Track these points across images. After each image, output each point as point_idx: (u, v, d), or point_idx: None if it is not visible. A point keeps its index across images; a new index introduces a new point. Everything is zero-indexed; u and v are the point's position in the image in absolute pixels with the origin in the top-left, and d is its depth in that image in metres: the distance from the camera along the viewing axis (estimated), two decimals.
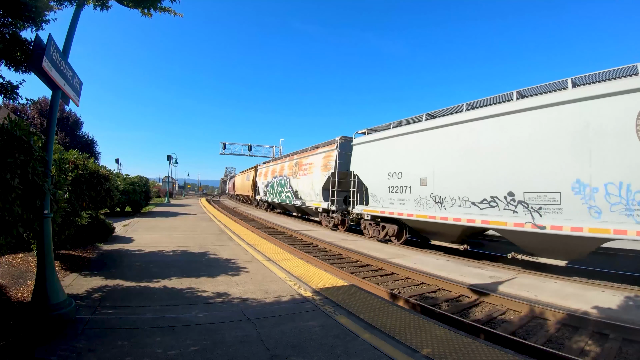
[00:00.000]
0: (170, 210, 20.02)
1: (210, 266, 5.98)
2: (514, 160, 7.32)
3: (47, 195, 3.19)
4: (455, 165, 8.60)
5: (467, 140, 8.38)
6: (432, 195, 9.25)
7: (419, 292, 6.00)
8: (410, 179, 10.00)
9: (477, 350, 2.96)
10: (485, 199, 7.89)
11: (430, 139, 9.43)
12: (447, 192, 8.81)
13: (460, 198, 8.48)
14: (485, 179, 7.87)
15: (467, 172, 8.28)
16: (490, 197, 7.78)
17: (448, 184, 8.80)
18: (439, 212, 8.99)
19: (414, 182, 9.89)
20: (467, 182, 8.28)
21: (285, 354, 2.81)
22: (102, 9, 3.88)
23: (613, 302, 5.14)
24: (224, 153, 41.06)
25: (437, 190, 9.09)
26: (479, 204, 8.03)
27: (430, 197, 9.29)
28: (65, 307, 3.25)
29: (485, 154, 7.89)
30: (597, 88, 6.32)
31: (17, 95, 4.55)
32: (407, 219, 10.04)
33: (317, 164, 15.37)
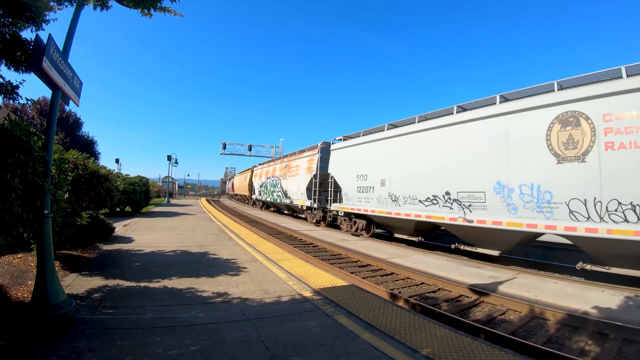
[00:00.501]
0: (170, 210, 20.02)
1: (210, 266, 5.98)
2: (450, 165, 8.67)
3: (47, 195, 3.19)
4: (406, 169, 10.16)
5: (415, 148, 9.90)
6: (389, 194, 10.79)
7: (419, 292, 6.00)
8: (373, 181, 11.56)
9: (477, 350, 2.96)
10: (429, 198, 9.33)
11: (389, 147, 11.00)
12: (400, 192, 10.36)
13: (410, 197, 10.00)
14: (428, 181, 9.32)
15: (415, 175, 9.80)
16: (432, 195, 9.22)
17: (401, 185, 10.34)
18: (394, 209, 10.52)
19: (376, 183, 11.44)
20: (416, 183, 9.79)
21: (285, 354, 2.81)
22: (102, 9, 3.89)
23: (613, 302, 5.14)
24: (224, 153, 41.07)
25: (393, 190, 10.63)
26: (424, 201, 9.51)
27: (388, 196, 10.83)
28: (65, 307, 3.25)
29: (429, 159, 9.32)
30: (517, 104, 7.49)
31: (17, 95, 4.55)
32: (372, 214, 11.53)
33: (302, 167, 17.09)
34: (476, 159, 8.07)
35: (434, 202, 9.19)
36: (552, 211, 6.71)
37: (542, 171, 6.86)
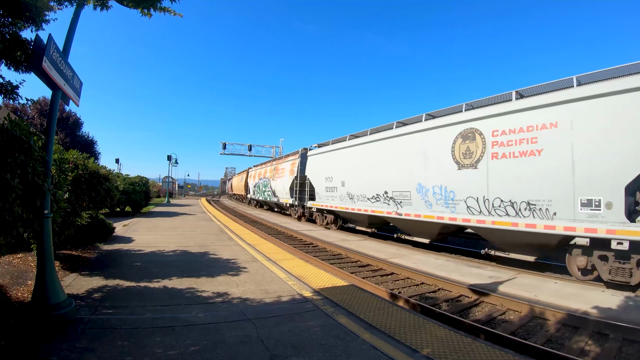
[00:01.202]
0: (170, 210, 20.02)
1: (210, 266, 5.98)
2: (388, 169, 10.80)
3: (47, 195, 3.19)
4: (359, 173, 12.38)
5: (366, 156, 12.08)
6: (347, 193, 13.06)
7: (419, 292, 6.00)
8: (337, 182, 13.78)
9: (477, 350, 2.96)
10: (374, 196, 11.46)
11: (348, 154, 13.26)
12: (355, 191, 12.59)
13: (362, 195, 12.17)
14: (374, 182, 11.47)
15: (365, 177, 12.01)
16: (376, 194, 11.36)
17: (356, 185, 12.55)
18: (351, 205, 12.78)
19: (338, 184, 13.65)
20: (365, 184, 11.97)
21: (285, 354, 2.81)
22: (102, 9, 3.88)
23: (613, 302, 5.14)
24: (224, 153, 41.04)
25: (350, 189, 12.89)
26: (370, 199, 11.69)
27: (347, 195, 13.07)
28: (65, 307, 3.25)
29: (374, 165, 11.50)
30: (434, 122, 9.37)
31: (17, 95, 4.55)
32: (337, 210, 13.78)
33: (286, 170, 19.51)
34: (405, 165, 10.13)
35: (377, 199, 11.36)
36: (455, 207, 8.54)
37: (448, 175, 8.69)
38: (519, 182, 7.20)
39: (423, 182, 9.45)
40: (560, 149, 6.62)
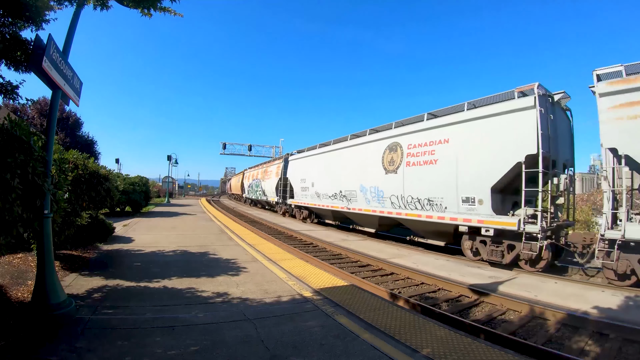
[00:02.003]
0: (170, 210, 20.01)
1: (210, 266, 5.98)
2: (342, 172, 13.69)
3: (47, 195, 3.19)
4: (324, 175, 15.23)
5: (328, 162, 15.13)
6: (315, 192, 15.89)
7: (419, 292, 6.00)
8: (309, 183, 16.65)
9: (477, 350, 2.96)
10: (333, 194, 14.31)
11: (316, 160, 16.22)
12: (321, 190, 15.39)
13: (325, 194, 14.98)
14: (333, 183, 14.33)
15: (327, 179, 14.91)
16: (333, 193, 14.28)
17: (322, 185, 15.37)
18: (319, 202, 15.61)
19: (310, 184, 16.50)
20: (328, 184, 14.82)
21: (285, 354, 2.81)
22: (102, 8, 3.88)
23: (613, 302, 5.14)
24: (224, 153, 41.02)
25: (318, 189, 15.70)
26: (331, 197, 14.50)
27: (315, 193, 15.96)
28: (65, 307, 3.25)
29: (334, 170, 14.44)
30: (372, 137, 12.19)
31: (17, 95, 4.55)
32: (310, 206, 16.73)
33: (273, 172, 22.81)
34: (353, 170, 12.93)
35: (335, 197, 14.19)
36: (384, 202, 11.18)
37: (378, 178, 11.34)
38: (423, 184, 9.52)
39: (364, 183, 12.19)
40: (450, 159, 8.72)
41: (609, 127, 6.32)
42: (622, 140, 6.14)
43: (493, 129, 7.84)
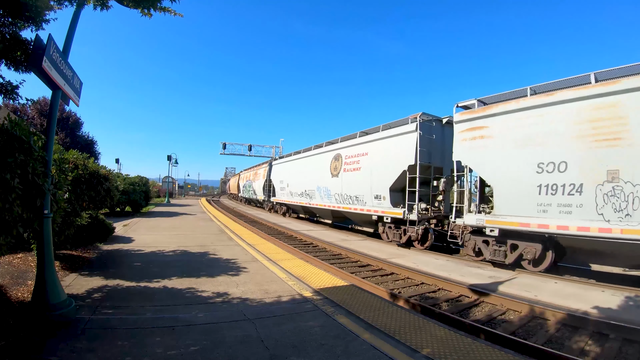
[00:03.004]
0: (170, 210, 20.02)
1: (210, 266, 5.98)
2: (307, 175, 17.10)
3: (47, 195, 3.19)
4: (296, 177, 18.94)
5: (297, 167, 18.92)
6: (290, 191, 19.73)
7: (419, 292, 6.00)
8: (285, 183, 20.49)
9: (477, 350, 2.96)
10: (301, 193, 17.85)
11: (291, 165, 20.20)
12: (293, 190, 19.12)
13: (296, 192, 18.67)
14: (302, 184, 17.80)
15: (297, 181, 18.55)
16: (301, 192, 17.84)
17: (294, 186, 19.04)
18: (292, 199, 19.43)
19: (286, 185, 20.31)
20: (297, 185, 18.43)
21: (285, 354, 2.81)
22: (102, 9, 3.88)
23: (613, 302, 5.14)
24: (224, 153, 40.95)
25: (291, 189, 19.44)
26: (299, 195, 18.11)
27: (289, 192, 19.77)
28: (65, 307, 3.25)
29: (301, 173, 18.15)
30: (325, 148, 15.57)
31: (17, 95, 4.55)
32: (286, 202, 20.66)
33: (261, 174, 27.00)
34: (312, 174, 16.38)
35: (302, 195, 17.79)
36: (331, 199, 14.40)
37: (328, 181, 14.72)
38: (353, 185, 12.85)
39: (319, 184, 15.58)
40: (368, 167, 12.05)
41: (458, 145, 8.75)
42: (464, 155, 8.60)
43: (392, 146, 11.02)
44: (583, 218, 6.29)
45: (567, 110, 6.70)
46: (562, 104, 6.80)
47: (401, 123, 11.02)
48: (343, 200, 13.44)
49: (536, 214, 6.98)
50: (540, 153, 6.99)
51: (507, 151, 7.59)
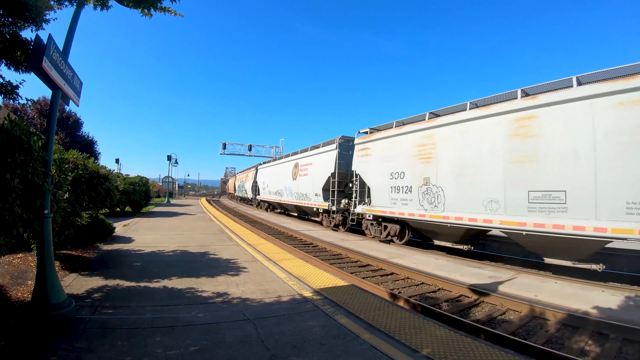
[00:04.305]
0: (170, 210, 20.02)
1: (210, 266, 5.98)
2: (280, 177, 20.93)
3: (47, 195, 3.19)
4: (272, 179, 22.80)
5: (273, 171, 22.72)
6: (268, 191, 23.64)
7: (419, 292, 6.00)
8: (266, 184, 24.58)
9: (477, 350, 2.96)
10: (275, 192, 21.91)
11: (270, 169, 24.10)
12: (271, 189, 23.02)
13: (272, 191, 22.68)
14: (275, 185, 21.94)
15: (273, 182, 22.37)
16: (275, 191, 22.00)
17: (271, 186, 22.81)
18: (271, 197, 23.24)
19: (267, 185, 24.31)
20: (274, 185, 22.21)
21: (285, 354, 2.81)
22: (102, 8, 3.88)
23: (613, 302, 5.14)
24: (224, 153, 41.02)
25: (270, 189, 23.37)
26: (274, 193, 22.20)
27: (268, 192, 23.76)
28: (65, 307, 3.25)
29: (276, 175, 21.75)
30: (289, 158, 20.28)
31: (17, 95, 4.55)
32: (267, 200, 24.59)
33: (250, 176, 31.34)
34: (282, 177, 20.38)
35: (276, 194, 21.81)
36: (293, 196, 18.49)
37: (290, 182, 18.75)
38: (304, 186, 16.91)
39: (286, 185, 19.72)
40: (312, 173, 16.01)
41: (355, 159, 12.68)
42: (357, 166, 12.52)
43: (324, 158, 15.02)
44: (414, 208, 9.78)
45: (408, 138, 10.17)
46: (406, 134, 10.28)
47: (330, 142, 14.95)
48: (299, 197, 17.82)
49: (390, 205, 10.75)
50: (393, 166, 10.64)
51: (378, 164, 11.36)
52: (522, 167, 7.20)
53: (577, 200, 6.36)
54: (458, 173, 8.52)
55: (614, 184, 5.93)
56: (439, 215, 8.87)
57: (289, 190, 19.28)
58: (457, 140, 8.65)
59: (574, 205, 6.40)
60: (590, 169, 6.22)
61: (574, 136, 6.47)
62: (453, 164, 8.69)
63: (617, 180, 5.89)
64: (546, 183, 6.79)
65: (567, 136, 6.58)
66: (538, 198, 6.91)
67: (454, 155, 8.69)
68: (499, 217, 7.53)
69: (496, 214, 7.60)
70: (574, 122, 6.51)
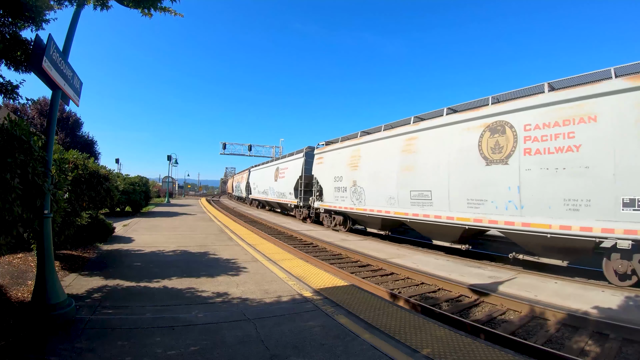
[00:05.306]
0: (170, 210, 20.02)
1: (210, 266, 5.98)
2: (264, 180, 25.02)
3: (47, 195, 3.19)
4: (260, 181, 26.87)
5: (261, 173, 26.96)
6: (258, 191, 27.49)
7: (419, 292, 6.00)
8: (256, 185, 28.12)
9: (477, 350, 2.96)
10: (262, 191, 25.83)
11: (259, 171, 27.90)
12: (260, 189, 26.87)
13: (260, 191, 26.58)
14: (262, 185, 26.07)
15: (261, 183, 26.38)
16: (262, 190, 25.79)
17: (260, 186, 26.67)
18: (259, 195, 27.15)
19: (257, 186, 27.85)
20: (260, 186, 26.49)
21: (285, 354, 2.81)
22: (102, 9, 3.88)
23: (613, 302, 5.14)
24: (224, 153, 41.01)
25: (259, 188, 27.14)
26: (262, 193, 26.16)
27: (258, 191, 27.39)
28: (65, 307, 3.25)
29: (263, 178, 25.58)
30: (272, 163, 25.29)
31: (17, 95, 4.55)
32: (257, 198, 28.25)
33: (245, 178, 34.80)
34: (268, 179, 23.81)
35: (263, 193, 25.27)
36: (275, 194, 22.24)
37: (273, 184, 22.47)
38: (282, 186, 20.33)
39: (270, 185, 22.97)
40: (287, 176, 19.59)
41: (314, 165, 16.02)
42: (315, 171, 15.92)
43: (296, 165, 18.49)
44: (348, 203, 13.02)
45: (346, 151, 13.50)
46: (345, 148, 13.61)
47: (299, 152, 18.64)
48: (279, 195, 21.23)
49: (334, 201, 14.08)
50: (336, 171, 13.91)
51: (327, 170, 14.76)
52: (408, 173, 10.01)
53: (438, 197, 8.99)
54: (373, 178, 11.60)
55: (459, 186, 8.44)
56: (362, 208, 12.13)
57: (272, 190, 22.85)
58: (373, 154, 11.82)
59: (437, 201, 9.04)
60: (446, 175, 8.77)
61: (438, 152, 9.09)
62: (370, 170, 11.79)
63: (460, 184, 8.43)
64: (421, 185, 9.54)
65: (434, 152, 9.24)
66: (416, 195, 9.72)
67: (370, 164, 11.82)
68: (394, 209, 10.53)
69: (393, 207, 10.62)
70: (439, 142, 9.13)
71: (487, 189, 7.83)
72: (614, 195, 5.91)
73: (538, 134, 6.99)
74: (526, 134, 7.18)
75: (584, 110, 6.38)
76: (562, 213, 6.56)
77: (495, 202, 7.67)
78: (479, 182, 7.99)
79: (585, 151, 6.28)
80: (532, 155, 7.06)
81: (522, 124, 7.28)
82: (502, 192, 7.54)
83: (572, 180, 6.43)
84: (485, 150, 7.90)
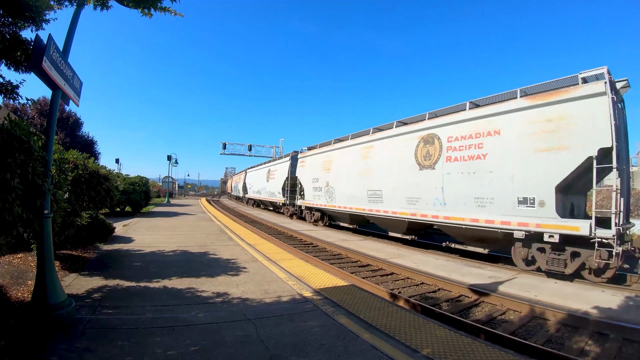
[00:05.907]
0: (170, 210, 20.01)
1: (210, 266, 5.98)
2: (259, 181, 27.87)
3: (47, 195, 3.19)
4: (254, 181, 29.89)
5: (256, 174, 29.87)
6: (253, 190, 30.47)
7: (419, 292, 6.00)
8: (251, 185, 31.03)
9: (477, 350, 2.96)
10: (256, 191, 28.80)
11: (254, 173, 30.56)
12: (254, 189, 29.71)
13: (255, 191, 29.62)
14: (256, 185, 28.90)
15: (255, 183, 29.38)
16: (256, 190, 28.83)
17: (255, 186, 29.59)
18: (254, 195, 30.26)
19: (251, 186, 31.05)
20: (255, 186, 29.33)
21: (285, 354, 2.81)
22: (102, 8, 3.87)
23: (613, 302, 5.15)
24: (224, 153, 40.99)
25: (254, 188, 30.08)
26: (256, 192, 29.17)
27: (253, 191, 30.41)
28: (65, 307, 3.25)
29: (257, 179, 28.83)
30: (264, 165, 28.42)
31: (17, 95, 4.54)
32: (252, 197, 31.13)
33: (242, 178, 36.70)
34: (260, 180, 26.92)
35: (257, 192, 28.21)
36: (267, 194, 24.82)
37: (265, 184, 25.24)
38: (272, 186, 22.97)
39: (263, 186, 25.35)
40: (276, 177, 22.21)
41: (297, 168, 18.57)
42: (298, 173, 18.17)
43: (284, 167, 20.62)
44: (323, 201, 15.09)
45: (321, 156, 15.71)
46: (320, 154, 15.84)
47: (286, 156, 21.06)
48: (270, 195, 23.37)
49: (312, 199, 16.17)
50: (314, 174, 16.05)
51: (307, 172, 16.91)
52: (365, 176, 12.14)
53: (387, 196, 10.98)
54: (341, 179, 13.83)
55: (401, 187, 10.28)
56: (334, 205, 14.25)
57: (265, 190, 25.34)
58: (340, 159, 14.01)
59: (386, 199, 11.02)
60: (392, 178, 10.71)
61: (388, 158, 11.01)
62: (339, 173, 14.02)
63: (402, 185, 10.25)
64: (375, 185, 11.52)
65: (385, 158, 11.17)
66: (371, 194, 11.71)
67: (340, 168, 13.99)
68: (355, 205, 12.65)
69: (354, 204, 12.71)
70: (389, 150, 11.06)
71: (421, 189, 9.56)
72: (511, 195, 7.26)
73: (457, 145, 8.55)
74: (449, 144, 8.75)
75: (491, 125, 7.81)
76: (473, 209, 8.05)
77: (426, 199, 9.36)
78: (415, 184, 9.76)
79: (490, 159, 7.72)
80: (452, 162, 8.63)
81: (446, 136, 8.84)
82: (431, 192, 9.19)
83: (480, 182, 7.91)
84: (419, 157, 9.66)
